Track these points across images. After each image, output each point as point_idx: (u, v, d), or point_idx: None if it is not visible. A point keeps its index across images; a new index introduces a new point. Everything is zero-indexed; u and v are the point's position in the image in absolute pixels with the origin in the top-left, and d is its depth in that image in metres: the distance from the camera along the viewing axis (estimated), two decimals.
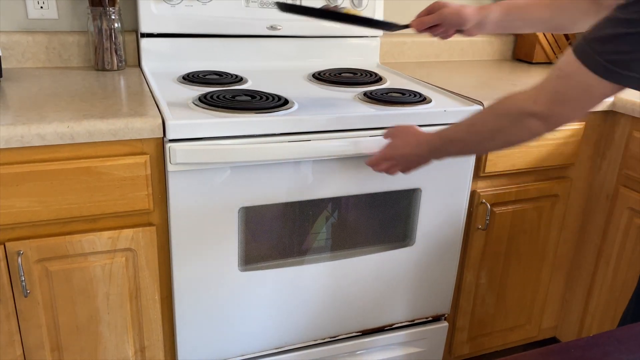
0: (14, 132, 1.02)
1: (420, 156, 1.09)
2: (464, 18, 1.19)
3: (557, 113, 0.86)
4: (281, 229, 1.29)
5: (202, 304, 1.26)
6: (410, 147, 1.10)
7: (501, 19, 1.19)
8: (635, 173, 1.54)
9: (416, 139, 1.09)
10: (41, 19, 1.55)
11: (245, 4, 1.62)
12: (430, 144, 1.06)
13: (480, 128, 0.95)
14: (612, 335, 0.52)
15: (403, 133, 1.13)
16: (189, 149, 1.11)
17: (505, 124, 0.91)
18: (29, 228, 1.10)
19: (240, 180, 1.19)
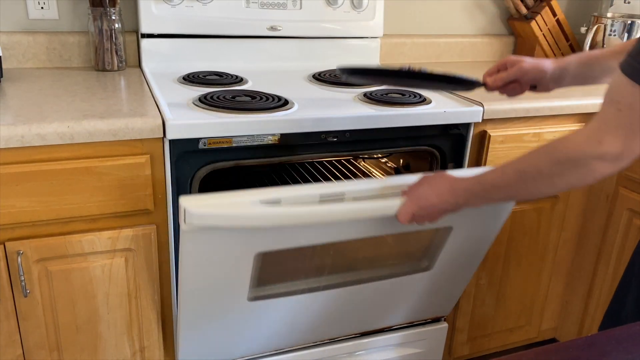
0: (14, 132, 1.02)
1: (456, 204, 0.99)
2: (544, 72, 1.13)
3: (629, 150, 0.78)
4: (298, 265, 1.20)
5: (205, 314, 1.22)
6: (443, 196, 0.99)
7: (581, 70, 1.12)
8: (635, 174, 1.54)
9: (450, 186, 0.98)
10: (42, 19, 1.55)
11: (246, 5, 1.62)
12: (469, 191, 0.96)
13: (534, 174, 0.86)
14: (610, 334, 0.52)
15: (433, 181, 1.02)
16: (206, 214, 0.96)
17: (565, 170, 0.83)
18: (29, 228, 1.10)
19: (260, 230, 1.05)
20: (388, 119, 1.29)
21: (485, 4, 2.06)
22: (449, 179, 1.00)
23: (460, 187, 0.97)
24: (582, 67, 1.12)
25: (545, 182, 0.85)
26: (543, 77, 1.13)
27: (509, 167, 0.90)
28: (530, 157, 0.88)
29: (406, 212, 1.02)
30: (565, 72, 1.13)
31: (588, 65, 1.12)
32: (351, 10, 1.75)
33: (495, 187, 0.92)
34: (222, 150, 1.18)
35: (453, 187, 0.97)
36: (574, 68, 1.12)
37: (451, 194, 0.97)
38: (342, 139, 1.27)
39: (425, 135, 1.36)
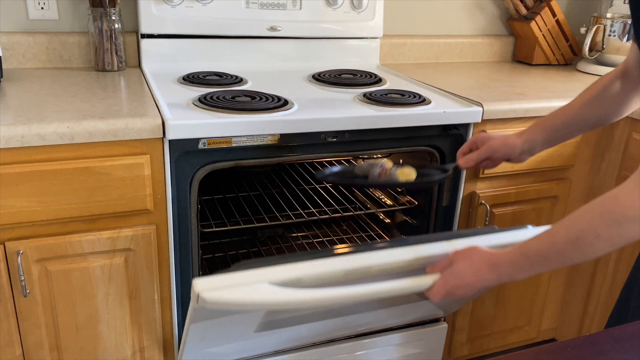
0: (14, 132, 1.02)
1: (497, 281, 0.91)
2: (513, 147, 1.14)
3: None
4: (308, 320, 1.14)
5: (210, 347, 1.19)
6: (482, 274, 0.91)
7: (552, 136, 1.14)
8: None
9: (489, 262, 0.90)
10: (42, 20, 1.55)
11: (246, 5, 1.63)
12: (513, 265, 0.88)
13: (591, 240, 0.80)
14: (609, 334, 0.52)
15: (468, 257, 0.93)
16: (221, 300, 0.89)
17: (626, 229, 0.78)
18: (29, 228, 1.10)
19: None
20: (387, 119, 1.29)
21: (485, 4, 2.06)
22: (486, 254, 0.91)
23: (501, 263, 0.89)
24: (550, 134, 1.14)
25: (604, 245, 0.80)
26: (513, 153, 1.15)
27: (558, 235, 0.83)
28: (582, 222, 0.81)
29: (439, 292, 0.94)
30: (534, 143, 1.15)
31: (554, 132, 1.14)
32: (351, 11, 1.75)
33: (545, 258, 0.85)
34: (222, 151, 1.18)
35: (492, 263, 0.90)
36: (542, 137, 1.14)
37: (491, 271, 0.90)
38: (342, 139, 1.27)
39: (425, 135, 1.36)
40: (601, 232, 0.79)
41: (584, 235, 0.80)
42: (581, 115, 1.12)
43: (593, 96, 1.11)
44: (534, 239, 0.86)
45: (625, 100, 1.10)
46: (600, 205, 0.80)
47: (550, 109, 1.47)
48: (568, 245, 0.82)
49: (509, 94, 1.52)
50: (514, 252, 0.87)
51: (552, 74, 1.90)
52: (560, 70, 1.97)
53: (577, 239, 0.81)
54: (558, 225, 0.83)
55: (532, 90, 1.60)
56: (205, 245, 1.74)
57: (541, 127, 1.15)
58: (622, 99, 1.10)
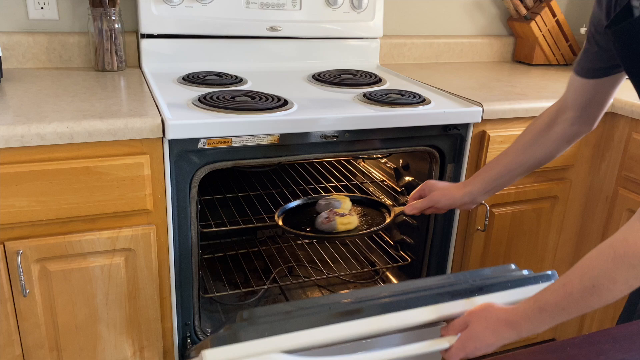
0: (13, 132, 1.02)
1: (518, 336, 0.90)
2: (453, 200, 1.20)
3: None
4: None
5: None
6: (501, 333, 0.89)
7: (487, 188, 1.18)
8: (634, 175, 1.54)
9: (506, 320, 0.89)
10: (42, 20, 1.55)
11: (246, 5, 1.63)
12: (531, 320, 0.87)
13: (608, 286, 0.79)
14: (608, 333, 0.52)
15: (483, 317, 0.91)
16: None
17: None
18: (29, 228, 1.10)
19: None
20: (387, 119, 1.29)
21: (485, 4, 2.06)
22: (502, 313, 0.89)
23: (519, 320, 0.87)
24: (489, 183, 1.17)
25: (621, 288, 0.79)
26: (454, 204, 1.20)
27: (572, 285, 0.82)
28: (595, 270, 0.80)
29: (458, 355, 0.92)
30: (473, 195, 1.18)
31: (493, 180, 1.17)
32: (351, 11, 1.75)
33: (563, 309, 0.83)
34: (222, 151, 1.18)
35: (510, 322, 0.88)
36: (480, 188, 1.18)
37: (511, 329, 0.88)
38: (342, 139, 1.27)
39: (425, 135, 1.36)
40: (617, 277, 0.78)
41: (600, 283, 0.80)
42: (516, 163, 1.15)
43: (528, 142, 1.14)
44: (548, 291, 0.85)
45: (562, 142, 1.12)
46: (611, 249, 0.79)
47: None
48: (585, 294, 0.81)
49: (509, 94, 1.52)
50: (530, 307, 0.86)
51: (552, 74, 1.90)
52: (560, 70, 1.97)
53: (593, 286, 0.80)
54: (571, 275, 0.82)
55: (532, 90, 1.60)
56: (205, 245, 1.74)
57: (479, 179, 1.19)
58: (559, 142, 1.12)
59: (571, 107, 1.09)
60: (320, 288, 1.69)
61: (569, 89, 1.09)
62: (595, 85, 1.03)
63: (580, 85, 1.05)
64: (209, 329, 1.39)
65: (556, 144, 1.13)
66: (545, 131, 1.13)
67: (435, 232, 1.50)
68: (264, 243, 1.83)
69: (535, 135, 1.14)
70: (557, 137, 1.12)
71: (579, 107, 1.08)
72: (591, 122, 1.10)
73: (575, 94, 1.07)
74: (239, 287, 1.58)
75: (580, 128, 1.10)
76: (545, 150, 1.13)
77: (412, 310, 0.96)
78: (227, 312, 1.55)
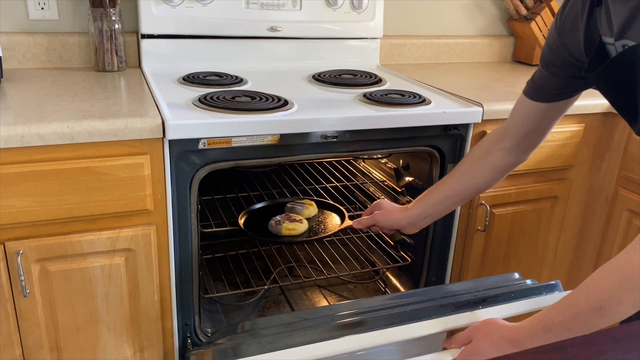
0: (14, 132, 1.02)
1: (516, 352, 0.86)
2: (394, 222, 1.22)
3: None
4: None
5: None
6: (503, 350, 0.89)
7: (425, 213, 1.20)
8: (634, 175, 1.54)
9: (511, 337, 0.88)
10: (42, 20, 1.55)
11: (246, 6, 1.63)
12: (535, 338, 0.86)
13: (615, 308, 0.79)
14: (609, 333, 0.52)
15: (487, 334, 0.91)
16: None
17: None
18: (29, 228, 1.10)
19: None
20: (388, 119, 1.29)
21: (485, 4, 2.06)
22: (505, 330, 0.89)
23: (522, 338, 0.87)
24: (428, 208, 1.19)
25: (627, 309, 0.80)
26: (396, 225, 1.23)
27: (579, 306, 0.81)
28: (602, 292, 0.80)
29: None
30: (413, 219, 1.20)
31: (431, 206, 1.19)
32: (351, 11, 1.75)
33: (568, 329, 0.83)
34: (222, 151, 1.18)
35: (514, 340, 0.88)
36: (420, 212, 1.20)
37: (514, 347, 0.88)
38: (342, 140, 1.27)
39: (425, 135, 1.36)
40: (624, 299, 0.78)
41: (607, 304, 0.79)
42: (453, 190, 1.17)
43: (464, 170, 1.16)
44: (554, 311, 0.84)
45: (496, 172, 1.14)
46: (618, 272, 0.79)
47: None
48: (591, 315, 0.81)
49: (509, 94, 1.52)
50: (534, 326, 0.86)
51: None
52: None
53: (600, 308, 0.80)
54: (578, 296, 0.82)
55: None
56: (205, 245, 1.74)
57: (419, 203, 1.21)
58: (494, 172, 1.14)
59: (512, 135, 1.09)
60: (321, 288, 1.69)
61: (514, 114, 1.09)
62: (546, 109, 1.03)
63: (529, 108, 1.05)
64: (209, 329, 1.39)
65: (490, 174, 1.14)
66: (480, 160, 1.14)
67: (436, 233, 1.50)
68: (264, 243, 1.83)
69: (471, 163, 1.15)
70: (491, 167, 1.13)
71: (520, 135, 1.08)
72: (527, 153, 1.11)
73: (522, 118, 1.07)
74: (239, 287, 1.58)
75: (516, 159, 1.12)
76: (479, 179, 1.15)
77: (416, 324, 0.96)
78: (228, 312, 1.55)
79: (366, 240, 1.88)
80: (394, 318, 1.00)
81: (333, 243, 1.83)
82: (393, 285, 1.73)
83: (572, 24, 0.92)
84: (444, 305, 1.03)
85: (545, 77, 1.01)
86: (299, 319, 0.99)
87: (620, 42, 0.82)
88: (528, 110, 1.05)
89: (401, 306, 1.05)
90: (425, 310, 1.02)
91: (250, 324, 0.99)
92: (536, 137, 1.09)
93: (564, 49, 0.95)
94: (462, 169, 1.16)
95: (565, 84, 0.99)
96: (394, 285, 1.72)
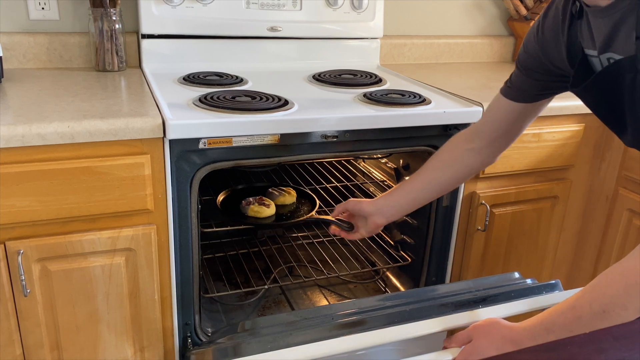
0: (14, 132, 1.02)
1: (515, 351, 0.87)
2: (362, 206, 1.21)
3: None
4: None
5: None
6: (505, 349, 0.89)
7: (393, 202, 1.19)
8: (634, 174, 1.54)
9: (511, 338, 0.88)
10: (42, 20, 1.55)
11: (246, 6, 1.63)
12: (537, 339, 0.86)
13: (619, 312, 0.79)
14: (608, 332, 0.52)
15: (487, 334, 0.91)
16: None
17: None
18: (29, 227, 1.10)
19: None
20: (388, 119, 1.29)
21: (485, 5, 2.06)
22: (506, 330, 0.89)
23: (523, 339, 0.87)
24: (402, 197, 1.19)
25: (631, 314, 0.80)
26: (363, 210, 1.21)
27: (582, 310, 0.81)
28: (607, 297, 0.80)
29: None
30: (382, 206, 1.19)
31: (406, 194, 1.19)
32: (351, 11, 1.75)
33: (570, 331, 0.83)
34: (222, 150, 1.18)
35: (515, 340, 0.88)
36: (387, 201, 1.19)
37: (515, 346, 0.88)
38: (342, 139, 1.27)
39: (425, 135, 1.36)
40: (628, 305, 0.78)
41: (611, 309, 0.80)
42: (420, 186, 1.17)
43: (433, 167, 1.16)
44: (555, 313, 0.85)
45: (463, 171, 1.14)
46: (623, 279, 0.79)
47: (549, 109, 1.46)
48: (594, 318, 0.81)
49: None
50: (535, 327, 0.86)
51: None
52: None
53: (603, 312, 0.80)
54: (581, 299, 0.82)
55: None
56: (206, 244, 1.74)
57: (388, 193, 1.22)
58: (461, 171, 1.14)
59: (483, 136, 1.09)
60: (321, 288, 1.69)
61: (488, 114, 1.09)
62: (524, 109, 1.03)
63: (506, 108, 1.04)
64: (209, 328, 1.39)
65: (457, 173, 1.14)
66: (447, 160, 1.15)
67: (436, 232, 1.50)
68: (264, 243, 1.83)
69: (438, 161, 1.16)
70: (458, 166, 1.13)
71: (493, 136, 1.08)
72: (495, 155, 1.12)
73: (497, 118, 1.07)
74: (239, 287, 1.58)
75: (484, 159, 1.12)
76: (445, 177, 1.15)
77: (416, 323, 0.96)
78: (228, 312, 1.55)
79: (366, 240, 1.88)
80: (394, 317, 1.00)
81: (333, 243, 1.83)
82: (393, 285, 1.73)
83: (553, 35, 0.92)
84: (444, 305, 1.03)
85: (523, 80, 1.00)
86: (299, 318, 0.99)
87: (605, 55, 0.82)
88: (504, 110, 1.05)
89: (401, 305, 1.05)
90: (425, 310, 1.03)
91: (250, 323, 0.99)
92: (508, 139, 1.09)
93: (546, 57, 0.95)
94: (428, 167, 1.17)
95: (545, 86, 0.99)
96: (394, 285, 1.72)
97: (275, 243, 1.84)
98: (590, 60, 0.86)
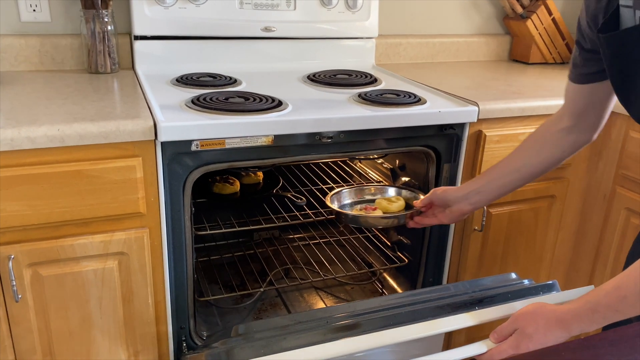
0: (3, 135, 1.01)
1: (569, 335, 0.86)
2: (448, 194, 1.21)
3: None
4: None
5: None
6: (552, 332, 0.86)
7: (480, 187, 1.18)
8: (632, 173, 1.53)
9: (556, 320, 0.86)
10: (34, 22, 1.54)
11: (239, 6, 1.62)
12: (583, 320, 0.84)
13: None
14: (604, 337, 0.51)
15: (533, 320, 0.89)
16: None
17: None
18: (20, 232, 1.09)
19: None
20: (383, 119, 1.28)
21: (481, 3, 2.05)
22: (551, 313, 0.88)
23: (569, 319, 0.85)
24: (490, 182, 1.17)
25: None
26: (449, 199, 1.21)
27: (627, 289, 0.80)
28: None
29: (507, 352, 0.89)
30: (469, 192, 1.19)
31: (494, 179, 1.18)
32: (346, 11, 1.74)
33: (616, 311, 0.82)
34: (215, 152, 1.17)
35: (561, 321, 0.86)
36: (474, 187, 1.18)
37: (562, 329, 0.85)
38: (337, 140, 1.26)
39: (421, 135, 1.35)
40: None
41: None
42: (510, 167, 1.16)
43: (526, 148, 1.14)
44: (600, 293, 0.83)
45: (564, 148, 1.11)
46: None
47: (547, 107, 1.47)
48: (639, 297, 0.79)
49: (505, 93, 1.51)
50: (581, 308, 0.85)
51: (548, 72, 1.89)
52: (556, 69, 1.96)
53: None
54: (625, 279, 0.81)
55: (528, 89, 1.59)
56: (201, 247, 1.73)
57: (474, 179, 1.21)
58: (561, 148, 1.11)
59: (568, 116, 1.08)
60: (318, 290, 1.68)
61: (565, 96, 1.08)
62: (591, 90, 1.02)
63: (575, 91, 1.04)
64: (204, 332, 1.38)
65: (551, 153, 1.12)
66: (539, 140, 1.13)
67: (433, 233, 1.49)
68: (260, 245, 1.82)
69: (530, 143, 1.14)
70: (551, 146, 1.11)
71: (575, 115, 1.07)
72: (590, 131, 1.09)
73: (572, 101, 1.06)
74: (235, 290, 1.57)
75: (578, 137, 1.10)
76: (540, 158, 1.13)
77: (412, 325, 0.95)
78: (224, 315, 1.54)
79: (363, 241, 1.87)
80: (390, 320, 0.99)
81: (330, 244, 1.82)
82: (390, 286, 1.72)
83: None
84: (441, 307, 1.02)
85: (582, 58, 1.00)
86: (293, 322, 0.98)
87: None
88: (575, 93, 1.05)
89: (397, 307, 1.04)
90: (422, 312, 1.01)
91: (244, 327, 0.98)
92: (593, 116, 1.07)
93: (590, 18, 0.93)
94: (518, 152, 1.16)
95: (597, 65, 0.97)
96: (391, 286, 1.71)
97: (271, 245, 1.83)
98: (622, 12, 0.85)
